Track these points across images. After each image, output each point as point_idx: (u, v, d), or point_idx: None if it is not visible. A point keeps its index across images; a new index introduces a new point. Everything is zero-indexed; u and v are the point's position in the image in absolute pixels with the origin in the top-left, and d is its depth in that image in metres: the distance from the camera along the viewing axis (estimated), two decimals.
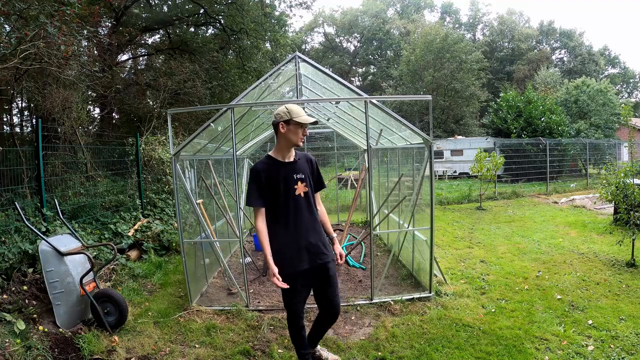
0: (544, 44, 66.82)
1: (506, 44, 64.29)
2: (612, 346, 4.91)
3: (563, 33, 65.93)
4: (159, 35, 22.79)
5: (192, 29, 21.94)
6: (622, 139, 24.82)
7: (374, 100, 6.18)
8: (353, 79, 66.25)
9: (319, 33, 62.22)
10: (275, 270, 3.76)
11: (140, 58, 22.96)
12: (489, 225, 12.25)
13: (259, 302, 6.36)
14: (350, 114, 8.67)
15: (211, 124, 6.27)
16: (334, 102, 8.47)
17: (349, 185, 17.58)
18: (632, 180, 8.31)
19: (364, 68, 65.25)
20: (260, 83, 6.57)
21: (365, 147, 8.77)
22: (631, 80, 72.70)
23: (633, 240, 7.93)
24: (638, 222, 7.83)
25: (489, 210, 15.06)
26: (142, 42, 21.30)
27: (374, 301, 6.17)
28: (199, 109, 12.70)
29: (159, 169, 11.22)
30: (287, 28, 27.86)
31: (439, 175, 26.86)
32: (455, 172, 27.46)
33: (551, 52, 65.77)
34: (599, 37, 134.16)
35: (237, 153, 5.92)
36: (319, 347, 4.59)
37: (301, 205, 3.98)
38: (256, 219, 3.91)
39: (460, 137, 31.49)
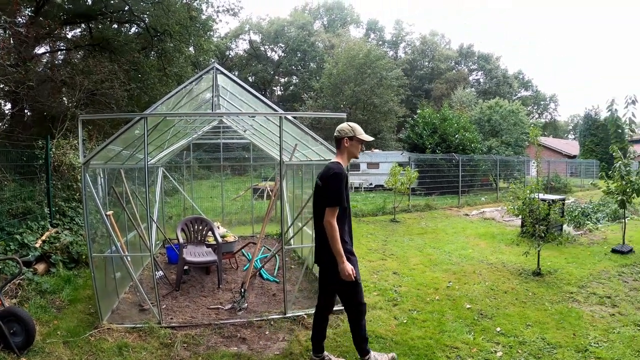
0: (463, 66, 70.13)
1: (426, 63, 66.84)
2: (519, 351, 5.24)
3: (481, 56, 69.53)
4: (79, 30, 21.65)
5: (115, 26, 21.15)
6: (531, 156, 26.31)
7: (289, 116, 6.30)
8: (275, 88, 66.32)
9: (245, 40, 61.91)
10: (350, 267, 4.27)
11: (58, 53, 21.82)
12: (402, 237, 12.63)
13: (172, 319, 6.22)
14: (266, 127, 8.74)
15: (129, 131, 6.13)
16: (248, 117, 8.53)
17: (265, 195, 17.57)
18: (537, 196, 8.93)
19: (286, 78, 65.47)
20: (177, 92, 6.50)
21: (284, 160, 8.87)
22: (542, 103, 78.61)
23: (538, 251, 8.58)
24: (543, 234, 8.51)
25: (402, 223, 15.50)
26: (62, 35, 20.28)
27: (287, 315, 6.22)
28: (112, 117, 12.28)
29: (70, 175, 10.73)
30: (212, 33, 27.45)
31: (355, 188, 27.35)
32: (371, 184, 28.05)
33: (469, 73, 69.02)
34: (514, 62, 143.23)
35: (151, 161, 5.82)
36: None
37: (351, 213, 4.51)
38: (333, 217, 4.24)
39: (377, 150, 32.20)
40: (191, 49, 23.76)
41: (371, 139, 4.73)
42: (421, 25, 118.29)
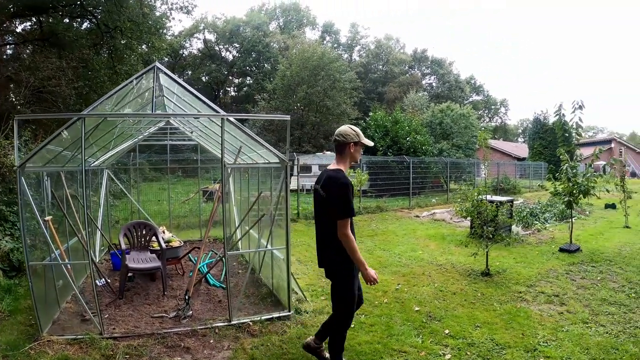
0: (416, 70, 71.14)
1: (380, 66, 67.45)
2: (468, 353, 5.23)
3: (434, 61, 70.79)
4: (30, 24, 20.88)
5: (66, 20, 20.39)
6: (481, 159, 26.86)
7: (231, 118, 6.13)
8: (228, 89, 65.74)
9: (199, 39, 60.96)
10: (373, 272, 4.29)
11: (7, 47, 20.90)
12: None
13: (114, 329, 5.91)
14: (210, 128, 8.57)
15: (63, 132, 5.85)
16: (193, 118, 8.32)
17: (215, 198, 17.18)
18: (485, 198, 9.05)
19: (240, 79, 64.70)
20: (116, 91, 6.23)
21: (228, 162, 8.66)
22: (492, 107, 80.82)
23: (487, 252, 8.67)
24: (491, 235, 8.57)
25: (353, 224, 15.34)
26: (11, 29, 19.42)
27: (232, 322, 6.02)
28: (49, 117, 11.78)
29: (12, 177, 10.23)
30: (165, 31, 26.87)
31: (307, 190, 27.26)
32: None
33: (422, 77, 70.15)
34: (467, 67, 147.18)
35: (95, 163, 5.57)
36: None
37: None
38: (348, 228, 4.19)
39: (329, 152, 32.15)
40: (144, 47, 23.18)
41: (372, 143, 4.72)
42: (377, 29, 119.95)
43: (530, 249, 10.99)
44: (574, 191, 10.92)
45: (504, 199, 12.03)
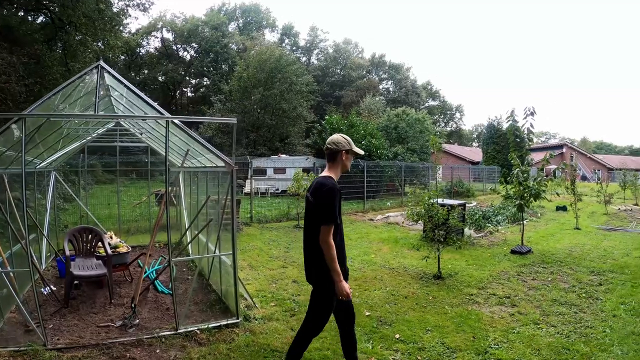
0: (373, 74, 71.65)
1: (338, 70, 67.65)
2: (419, 358, 5.21)
3: (392, 66, 71.59)
4: None
5: (21, 13, 19.63)
6: (437, 163, 27.18)
7: (176, 121, 5.98)
8: (185, 89, 64.82)
9: (157, 38, 59.74)
10: (347, 286, 4.16)
11: None
12: None
13: (58, 339, 5.62)
14: (158, 131, 8.35)
15: (15, 130, 5.57)
16: (139, 120, 8.10)
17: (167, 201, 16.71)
18: (436, 201, 9.10)
19: (197, 80, 63.88)
20: (59, 90, 5.98)
21: (174, 166, 8.44)
22: (448, 112, 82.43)
23: (438, 255, 8.75)
24: (442, 239, 8.63)
25: None
26: None
27: (179, 331, 5.81)
28: None
29: None
30: (121, 28, 26.14)
31: (261, 193, 27.10)
32: (277, 190, 27.91)
33: (379, 82, 70.63)
34: (424, 72, 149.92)
35: (42, 164, 5.33)
36: None
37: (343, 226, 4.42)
38: (330, 236, 4.07)
39: (283, 156, 32.09)
40: (100, 44, 22.55)
41: (362, 152, 4.64)
42: (336, 33, 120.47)
43: (483, 252, 11.14)
44: (525, 194, 11.21)
45: (455, 202, 12.15)
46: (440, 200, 9.57)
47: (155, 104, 6.19)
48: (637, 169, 39.57)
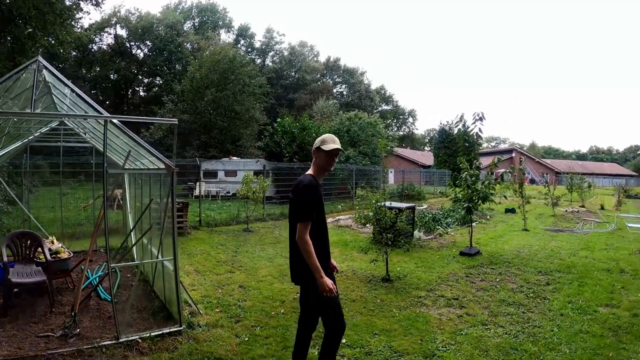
0: (328, 78, 71.92)
1: (293, 73, 67.50)
2: None
3: (346, 70, 72.09)
4: None
5: None
6: (387, 167, 27.27)
7: (114, 120, 5.66)
8: (137, 88, 63.41)
9: (110, 34, 57.91)
10: (329, 281, 4.03)
11: None
12: (254, 248, 12.07)
13: None
14: (100, 131, 7.89)
15: None
16: (81, 119, 7.67)
17: (116, 205, 16.08)
18: (384, 204, 9.01)
19: (150, 79, 62.38)
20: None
21: (114, 168, 8.02)
22: (401, 117, 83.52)
23: (386, 258, 8.61)
24: (390, 242, 8.49)
25: (256, 232, 14.95)
26: None
27: (121, 340, 5.45)
28: None
29: None
30: (72, 22, 25.15)
31: (212, 196, 26.57)
32: (228, 192, 27.40)
33: (333, 85, 71.03)
34: (378, 77, 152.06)
35: None
36: None
37: (327, 225, 4.46)
38: (306, 233, 4.03)
39: (235, 158, 31.59)
40: (50, 38, 21.65)
41: (333, 147, 4.32)
42: (292, 36, 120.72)
43: (432, 254, 11.11)
44: (474, 197, 11.27)
45: (404, 205, 12.10)
46: (388, 204, 9.46)
47: (93, 103, 5.88)
48: (583, 172, 40.89)
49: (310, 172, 4.38)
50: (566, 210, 23.90)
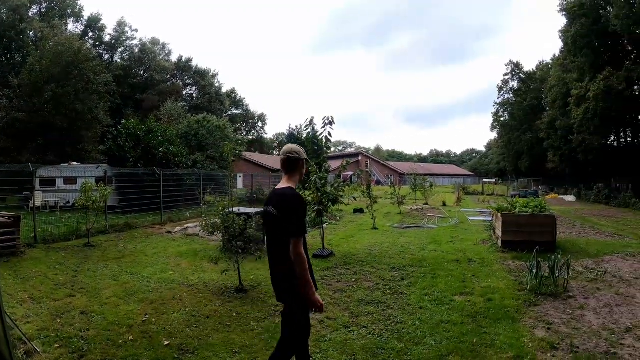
0: (178, 79, 69.68)
1: (142, 72, 64.26)
2: None
3: (198, 72, 70.43)
4: None
5: None
6: (236, 171, 26.90)
7: None
8: None
9: None
10: (319, 299, 4.00)
11: None
12: (96, 265, 10.79)
13: None
14: None
15: None
16: None
17: None
18: (232, 211, 8.66)
19: None
20: None
21: None
22: (251, 121, 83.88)
23: (238, 267, 8.25)
24: (240, 250, 8.19)
25: (98, 247, 13.43)
26: None
27: None
28: None
29: None
30: None
31: (50, 207, 24.05)
32: (68, 202, 24.89)
33: (183, 87, 69.02)
34: (230, 80, 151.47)
35: None
36: None
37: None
38: (302, 247, 3.89)
39: (75, 163, 28.92)
40: None
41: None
42: (145, 31, 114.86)
43: None
44: (324, 200, 11.39)
45: (254, 210, 11.82)
46: (237, 209, 9.12)
47: None
48: (425, 173, 44.06)
49: (289, 184, 4.21)
50: (411, 208, 25.58)
